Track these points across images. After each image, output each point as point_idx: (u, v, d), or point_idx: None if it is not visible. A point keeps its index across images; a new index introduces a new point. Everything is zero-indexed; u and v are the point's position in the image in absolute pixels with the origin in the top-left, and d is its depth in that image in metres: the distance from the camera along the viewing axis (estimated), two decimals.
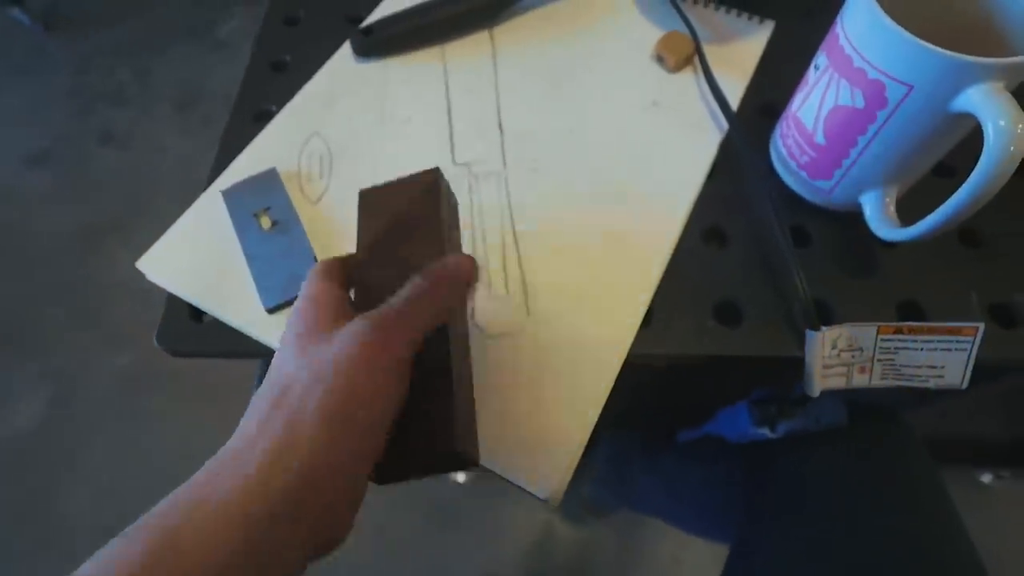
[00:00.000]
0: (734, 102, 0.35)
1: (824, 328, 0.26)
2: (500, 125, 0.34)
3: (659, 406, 0.61)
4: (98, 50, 1.31)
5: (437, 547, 0.82)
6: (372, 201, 0.26)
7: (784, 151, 0.31)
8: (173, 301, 0.30)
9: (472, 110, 0.35)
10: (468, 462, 0.22)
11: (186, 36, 1.33)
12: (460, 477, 0.89)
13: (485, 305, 0.29)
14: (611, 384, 0.27)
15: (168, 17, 1.36)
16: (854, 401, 0.39)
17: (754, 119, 0.35)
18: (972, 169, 0.22)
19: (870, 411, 0.39)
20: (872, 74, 0.24)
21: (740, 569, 0.37)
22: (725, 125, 0.33)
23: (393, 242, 0.25)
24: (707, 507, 0.49)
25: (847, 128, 0.26)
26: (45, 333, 0.98)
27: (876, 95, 0.24)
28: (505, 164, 0.33)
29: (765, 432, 0.41)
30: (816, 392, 0.27)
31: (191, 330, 0.29)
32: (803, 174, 0.30)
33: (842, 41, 0.25)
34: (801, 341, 0.27)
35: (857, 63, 0.24)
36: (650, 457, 0.60)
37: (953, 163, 0.28)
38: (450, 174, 0.32)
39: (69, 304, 1.01)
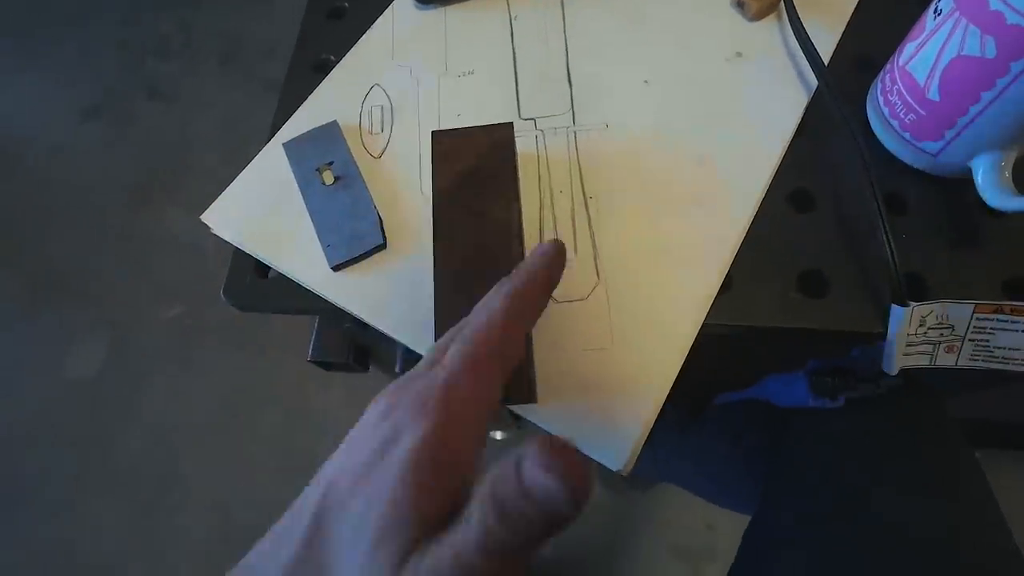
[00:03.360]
0: (826, 53, 0.32)
1: (914, 304, 0.24)
2: (569, 77, 0.32)
3: (701, 375, 0.59)
4: (143, 1, 1.31)
5: None
6: (445, 145, 0.26)
7: (886, 109, 0.28)
8: (239, 255, 0.30)
9: (539, 60, 0.33)
10: (532, 399, 0.22)
11: None
12: (497, 435, 0.90)
13: None
14: (684, 355, 0.26)
15: None
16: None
17: (849, 73, 0.32)
18: None
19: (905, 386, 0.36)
20: (1012, 18, 0.21)
21: (763, 528, 0.36)
22: (815, 80, 0.30)
23: (467, 192, 0.25)
24: (731, 479, 0.48)
25: (970, 82, 0.23)
26: (99, 284, 1.02)
27: (1013, 43, 0.21)
28: (574, 120, 0.31)
29: (825, 402, 0.39)
30: (895, 370, 0.25)
31: (257, 285, 0.29)
32: (907, 135, 0.27)
33: None
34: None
35: (995, 5, 0.21)
36: (679, 425, 0.60)
37: None
38: (517, 129, 0.31)
39: (121, 256, 1.04)
